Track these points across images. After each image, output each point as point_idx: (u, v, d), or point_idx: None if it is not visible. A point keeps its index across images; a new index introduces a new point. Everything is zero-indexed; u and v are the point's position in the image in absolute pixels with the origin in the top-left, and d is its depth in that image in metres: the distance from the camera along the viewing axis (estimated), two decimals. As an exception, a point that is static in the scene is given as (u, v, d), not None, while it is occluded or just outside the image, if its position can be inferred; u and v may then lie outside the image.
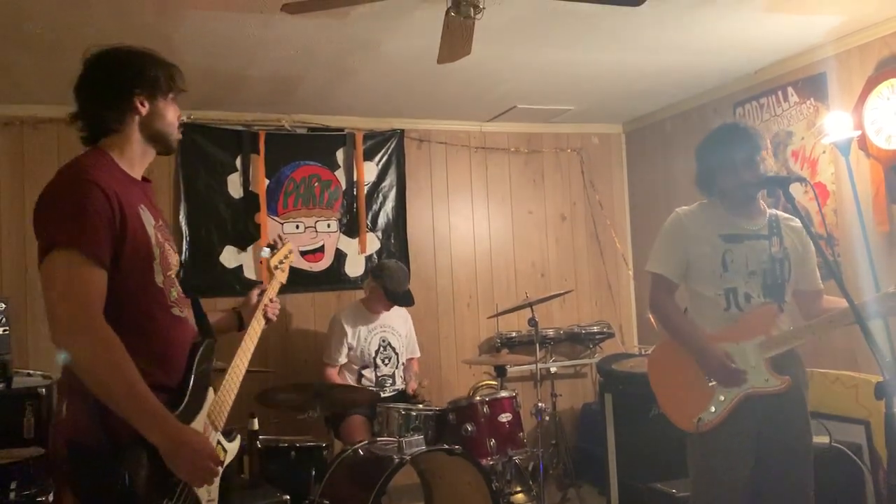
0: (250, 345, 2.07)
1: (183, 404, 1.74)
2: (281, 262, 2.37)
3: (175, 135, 1.93)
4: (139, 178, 1.89)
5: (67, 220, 1.63)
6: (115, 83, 1.83)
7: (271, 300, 2.23)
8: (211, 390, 1.87)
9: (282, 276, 2.36)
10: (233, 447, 1.92)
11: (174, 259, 1.89)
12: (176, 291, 1.87)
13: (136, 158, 1.87)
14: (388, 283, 4.20)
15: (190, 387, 1.78)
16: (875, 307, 2.42)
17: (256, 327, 2.13)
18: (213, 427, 1.83)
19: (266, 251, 2.36)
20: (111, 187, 1.70)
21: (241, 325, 2.17)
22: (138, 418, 1.60)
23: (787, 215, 2.73)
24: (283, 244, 2.42)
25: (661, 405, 2.66)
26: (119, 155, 1.83)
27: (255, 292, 2.24)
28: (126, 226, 1.71)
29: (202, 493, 1.74)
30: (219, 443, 1.84)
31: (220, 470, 1.75)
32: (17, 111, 4.29)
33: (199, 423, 1.78)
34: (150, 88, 1.85)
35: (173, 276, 1.87)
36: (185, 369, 1.81)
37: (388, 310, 4.35)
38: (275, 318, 2.23)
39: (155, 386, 1.67)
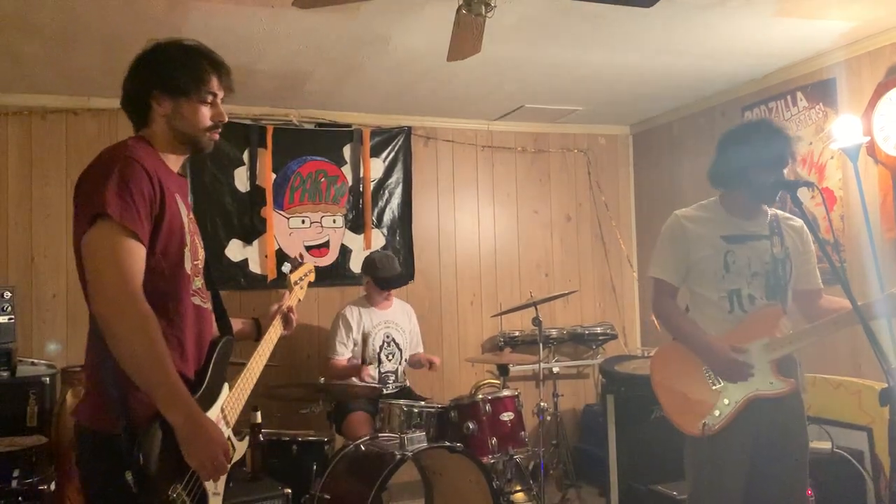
0: (266, 350, 2.12)
1: (199, 394, 1.75)
2: (300, 279, 2.45)
3: (202, 137, 1.91)
4: (175, 171, 1.91)
5: (112, 193, 1.63)
6: (137, 80, 1.85)
7: (291, 310, 2.27)
8: (227, 386, 1.90)
9: (300, 293, 2.43)
10: (241, 446, 1.93)
11: (201, 252, 1.94)
12: (200, 281, 1.90)
13: (169, 152, 1.88)
14: (377, 272, 4.26)
15: (207, 378, 1.81)
16: (880, 307, 2.39)
17: (273, 334, 2.18)
18: (226, 423, 1.84)
19: (287, 266, 2.46)
20: (153, 169, 1.73)
21: (260, 335, 2.21)
22: (163, 394, 1.59)
23: (787, 214, 2.70)
24: (304, 263, 2.52)
25: (664, 409, 2.60)
26: (156, 146, 1.85)
27: (276, 305, 2.29)
28: (164, 207, 1.73)
29: (209, 486, 1.74)
30: (229, 439, 1.84)
31: (229, 467, 1.73)
32: (26, 101, 4.27)
33: (212, 414, 1.78)
34: (170, 89, 1.82)
35: (200, 266, 1.91)
36: (204, 361, 1.84)
37: (387, 299, 4.38)
38: (293, 325, 2.26)
39: None
